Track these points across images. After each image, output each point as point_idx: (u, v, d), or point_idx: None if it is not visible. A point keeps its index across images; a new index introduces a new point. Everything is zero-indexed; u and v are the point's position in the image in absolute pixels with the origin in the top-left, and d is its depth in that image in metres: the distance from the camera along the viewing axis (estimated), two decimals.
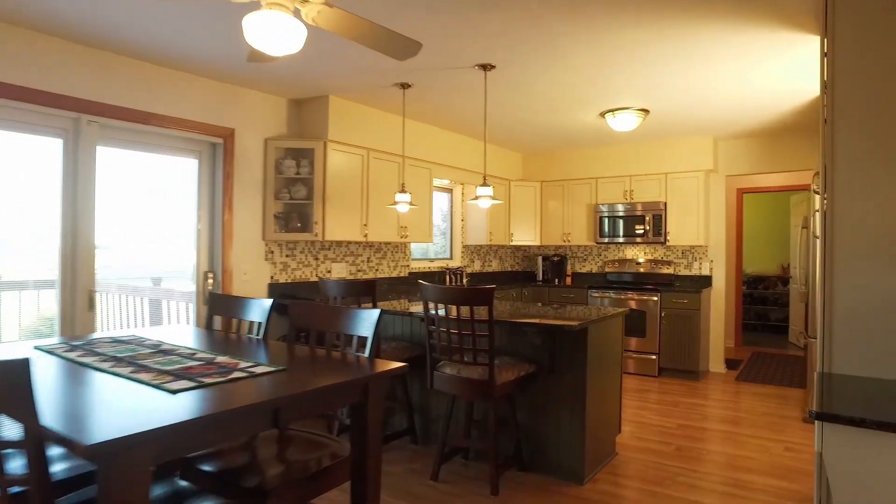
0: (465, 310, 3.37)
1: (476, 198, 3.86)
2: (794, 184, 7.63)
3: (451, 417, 3.95)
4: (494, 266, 7.55)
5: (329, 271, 5.25)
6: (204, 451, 1.99)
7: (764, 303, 9.58)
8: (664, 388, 5.63)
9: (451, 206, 6.95)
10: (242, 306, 2.81)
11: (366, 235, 5.13)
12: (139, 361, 2.06)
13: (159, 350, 2.30)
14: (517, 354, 3.61)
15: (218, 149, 4.41)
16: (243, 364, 2.03)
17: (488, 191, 3.84)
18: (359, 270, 5.56)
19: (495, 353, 3.61)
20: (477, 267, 7.20)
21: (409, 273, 6.17)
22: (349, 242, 5.42)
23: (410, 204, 4.41)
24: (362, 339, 2.27)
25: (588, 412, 3.40)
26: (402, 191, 4.42)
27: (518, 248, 7.91)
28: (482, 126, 5.88)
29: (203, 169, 4.37)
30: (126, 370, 1.91)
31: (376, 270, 5.75)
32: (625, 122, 5.10)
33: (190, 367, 1.95)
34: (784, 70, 3.92)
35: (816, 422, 1.88)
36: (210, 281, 4.38)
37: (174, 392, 1.64)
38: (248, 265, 4.59)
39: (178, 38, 3.46)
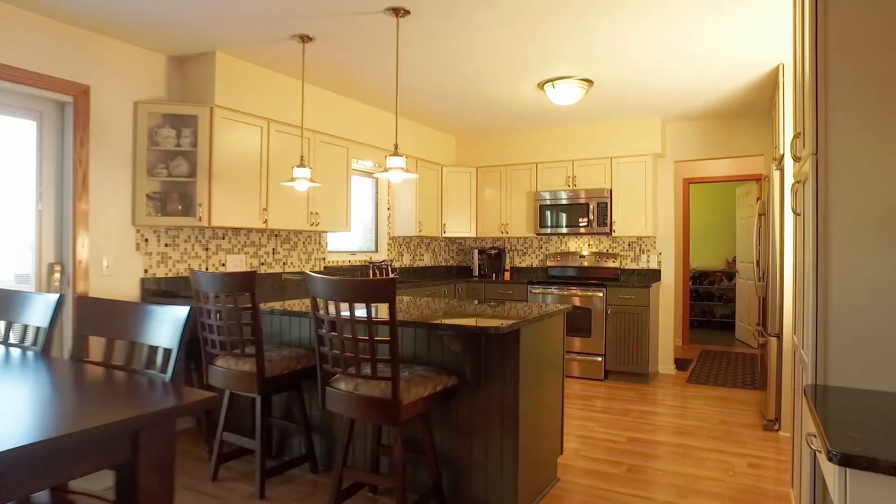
0: (379, 314, 2.64)
1: (386, 170, 3.13)
2: (741, 174, 7.27)
3: (352, 442, 3.21)
4: (427, 260, 6.85)
5: (223, 264, 4.42)
6: None
7: (709, 299, 9.26)
8: (612, 394, 5.06)
9: (377, 193, 6.20)
10: (12, 304, 1.98)
11: (265, 222, 4.32)
12: None
13: None
14: (435, 364, 2.91)
15: (67, 110, 3.51)
16: None
17: (399, 161, 3.12)
18: (262, 263, 4.74)
19: (404, 364, 2.89)
20: (406, 261, 6.48)
21: (325, 267, 5.38)
22: (249, 230, 4.59)
23: (311, 181, 3.64)
24: (167, 353, 1.51)
25: (522, 433, 2.73)
26: (302, 164, 3.64)
27: (453, 240, 7.23)
28: (408, 101, 5.16)
29: (45, 135, 3.46)
30: None
31: (284, 263, 4.94)
32: (566, 95, 4.49)
33: None
34: (742, 29, 3.37)
35: (836, 467, 1.25)
36: (57, 276, 3.48)
37: None
38: (113, 256, 3.71)
39: None
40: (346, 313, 2.48)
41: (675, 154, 5.92)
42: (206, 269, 4.29)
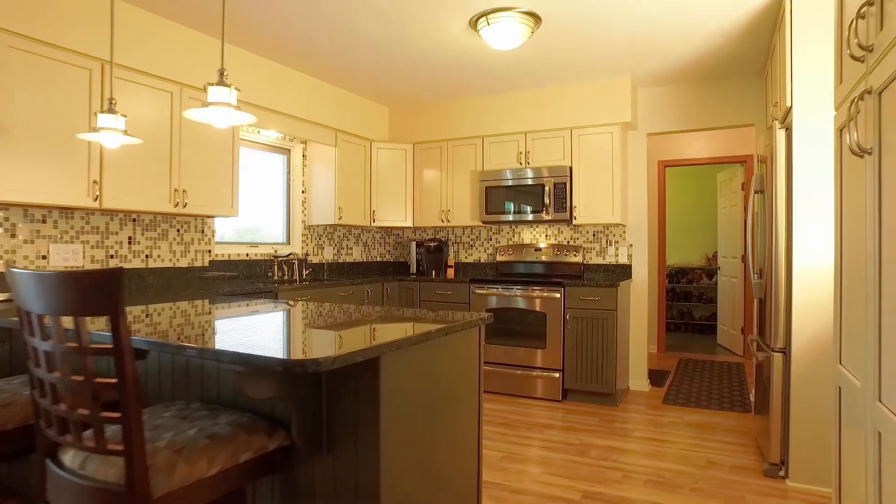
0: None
1: (206, 105, 2.00)
2: (725, 155, 6.29)
3: None
4: (356, 255, 5.73)
5: (44, 256, 3.25)
6: None
7: (688, 299, 8.30)
8: (570, 421, 4.00)
9: (289, 172, 5.07)
10: None
11: (97, 199, 3.17)
12: None
13: None
14: (255, 412, 1.80)
15: None
16: None
17: (223, 94, 2.00)
18: (111, 256, 3.58)
19: (206, 409, 1.77)
20: (328, 255, 5.35)
21: (211, 262, 4.24)
22: (84, 210, 3.43)
23: (126, 134, 2.50)
24: None
25: None
26: (112, 110, 2.50)
27: (389, 231, 6.13)
28: (317, 53, 4.04)
29: None
30: None
31: (147, 257, 3.78)
32: (506, 34, 3.42)
33: None
34: None
35: None
36: None
37: None
38: None
39: None
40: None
41: (648, 125, 4.89)
42: (15, 263, 3.13)
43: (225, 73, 2.05)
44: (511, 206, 4.91)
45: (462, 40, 3.84)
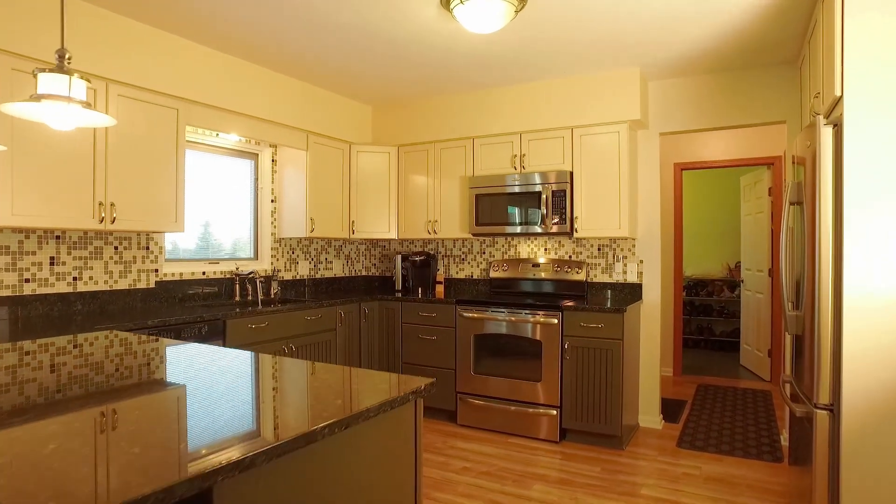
0: None
1: (35, 98, 1.46)
2: (750, 157, 5.63)
3: None
4: (336, 269, 5.19)
5: None
6: None
7: (707, 313, 7.62)
8: (566, 471, 3.41)
9: (257, 180, 4.54)
10: None
11: None
12: None
13: None
14: None
15: None
16: None
17: (59, 85, 1.45)
18: (26, 280, 3.08)
19: None
20: (303, 271, 4.81)
21: (158, 283, 3.72)
22: None
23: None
24: None
25: None
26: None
27: (375, 243, 5.57)
28: (282, 43, 3.50)
29: None
30: None
31: (75, 279, 3.27)
32: (483, 14, 2.84)
33: None
34: None
35: None
36: None
37: None
38: None
39: None
40: None
41: (660, 123, 4.28)
42: None
43: (68, 57, 1.51)
44: (504, 217, 4.33)
45: (435, 25, 3.27)
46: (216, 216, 4.24)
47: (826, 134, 2.29)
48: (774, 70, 3.91)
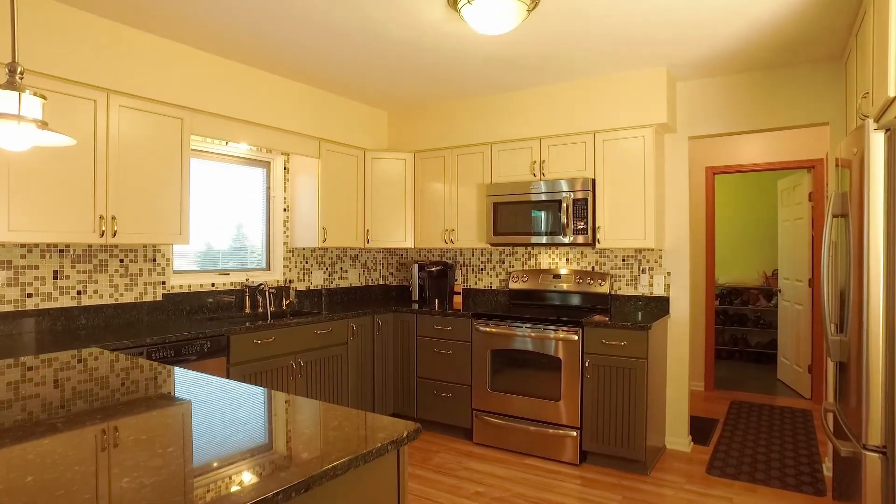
0: None
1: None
2: (786, 160, 5.31)
3: None
4: (352, 279, 5.06)
5: None
6: None
7: (742, 323, 7.26)
8: (584, 499, 3.19)
9: (269, 189, 4.44)
10: None
11: None
12: None
13: None
14: None
15: None
16: None
17: (9, 103, 1.33)
18: (28, 295, 3.01)
19: None
20: (318, 281, 4.69)
21: (166, 295, 3.63)
22: None
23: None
24: None
25: None
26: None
27: (392, 252, 5.43)
28: (294, 52, 3.38)
29: None
30: None
31: (79, 293, 3.20)
32: (493, 14, 2.66)
33: None
34: None
35: None
36: None
37: None
38: None
39: None
40: None
41: (689, 127, 4.03)
42: None
43: (20, 71, 1.38)
44: (523, 226, 4.13)
45: (444, 26, 3.10)
46: (227, 226, 4.15)
47: (877, 140, 2.04)
48: (816, 67, 3.62)
